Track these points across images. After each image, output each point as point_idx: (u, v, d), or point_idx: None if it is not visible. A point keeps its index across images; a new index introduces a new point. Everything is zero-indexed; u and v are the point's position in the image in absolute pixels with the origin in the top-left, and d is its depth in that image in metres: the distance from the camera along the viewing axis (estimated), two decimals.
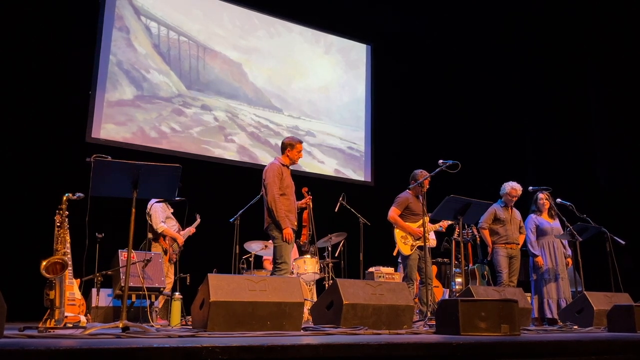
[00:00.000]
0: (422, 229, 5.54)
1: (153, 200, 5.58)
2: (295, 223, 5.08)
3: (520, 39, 9.84)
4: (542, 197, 6.28)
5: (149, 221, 5.64)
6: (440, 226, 5.83)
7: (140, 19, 7.74)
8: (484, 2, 9.38)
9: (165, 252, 5.57)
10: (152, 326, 3.95)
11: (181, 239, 5.74)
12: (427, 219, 5.41)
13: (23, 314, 4.60)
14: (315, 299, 5.65)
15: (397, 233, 5.77)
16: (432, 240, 6.07)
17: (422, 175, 5.64)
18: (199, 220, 5.98)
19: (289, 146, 5.21)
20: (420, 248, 5.65)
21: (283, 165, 5.14)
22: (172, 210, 5.83)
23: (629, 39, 8.55)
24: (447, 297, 7.15)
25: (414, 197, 5.77)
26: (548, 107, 9.74)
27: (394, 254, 6.22)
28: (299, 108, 8.94)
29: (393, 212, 5.76)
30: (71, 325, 3.76)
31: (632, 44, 8.51)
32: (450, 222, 5.82)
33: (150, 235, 5.64)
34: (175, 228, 5.77)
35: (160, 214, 5.63)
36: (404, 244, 5.72)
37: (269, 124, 8.57)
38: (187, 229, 5.84)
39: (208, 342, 2.05)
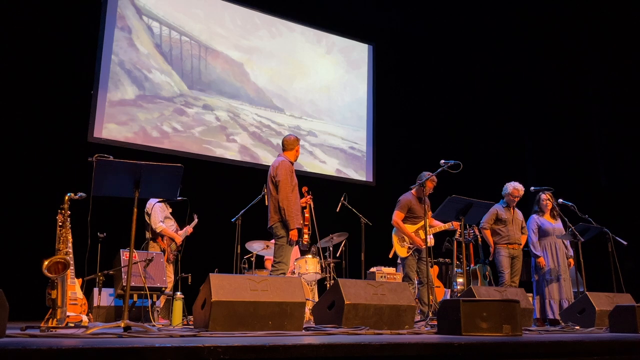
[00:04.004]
0: (420, 238, 5.56)
1: (153, 200, 5.58)
2: (302, 222, 5.07)
3: (521, 39, 9.84)
4: (545, 197, 6.27)
5: (148, 220, 5.64)
6: (452, 224, 5.76)
7: (142, 19, 7.74)
8: (485, 2, 9.37)
9: (163, 252, 5.56)
10: (154, 326, 3.96)
11: (179, 239, 5.74)
12: (428, 221, 5.41)
13: (25, 313, 4.60)
14: (316, 299, 5.65)
15: (395, 235, 5.79)
16: (430, 239, 6.04)
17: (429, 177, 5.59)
18: (196, 220, 5.97)
19: (293, 143, 5.21)
20: (418, 250, 5.65)
21: (291, 162, 5.13)
22: (170, 210, 5.83)
23: (630, 38, 8.54)
24: (448, 297, 7.15)
25: (416, 199, 5.75)
26: (549, 107, 9.73)
27: (390, 256, 6.22)
28: (300, 108, 8.94)
29: (396, 217, 5.74)
30: (73, 325, 3.76)
31: (633, 43, 8.49)
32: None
33: (148, 235, 5.64)
34: (173, 228, 5.78)
35: (159, 214, 5.63)
36: (400, 247, 5.73)
37: (271, 123, 8.58)
38: (185, 229, 5.84)
39: (210, 341, 2.05)
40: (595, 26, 9.01)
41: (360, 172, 9.36)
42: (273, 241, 5.31)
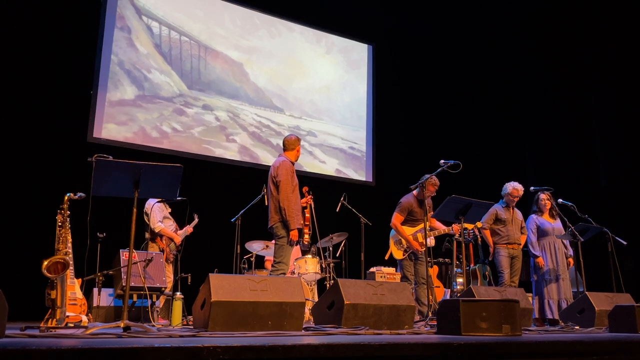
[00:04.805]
0: (417, 242, 5.55)
1: (152, 200, 5.58)
2: (302, 222, 5.07)
3: (521, 39, 9.84)
4: (544, 197, 6.27)
5: (147, 221, 5.64)
6: (452, 229, 5.72)
7: (142, 19, 7.74)
8: (485, 2, 9.37)
9: (162, 252, 5.56)
10: (154, 326, 3.96)
11: (178, 239, 5.73)
12: (430, 222, 5.40)
13: (24, 313, 4.61)
14: (316, 299, 5.65)
15: (392, 236, 5.79)
16: (430, 240, 6.04)
17: (430, 180, 5.56)
18: (196, 220, 5.97)
19: (294, 143, 5.21)
20: (414, 253, 5.64)
21: (292, 163, 5.13)
22: (169, 210, 5.83)
23: (631, 38, 8.54)
24: (448, 297, 7.15)
25: (417, 201, 5.73)
26: (549, 107, 9.73)
27: (386, 257, 6.22)
28: (300, 108, 8.94)
29: (395, 219, 5.73)
30: (72, 325, 3.76)
31: (634, 43, 8.49)
32: (466, 226, 5.72)
33: (147, 235, 5.64)
34: (173, 228, 5.76)
35: (157, 214, 5.62)
36: (397, 249, 5.72)
37: (270, 123, 8.58)
38: (185, 228, 5.83)
39: (209, 342, 2.06)
40: (596, 26, 9.01)
41: (360, 172, 9.37)
42: (273, 241, 5.31)
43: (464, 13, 9.62)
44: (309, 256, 6.15)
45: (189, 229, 5.88)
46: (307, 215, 5.91)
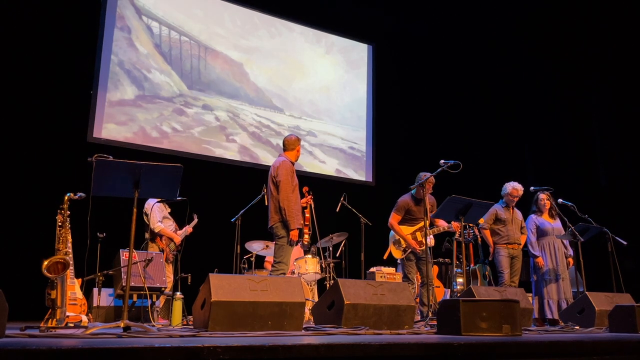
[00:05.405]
0: (415, 241, 5.55)
1: (152, 200, 5.57)
2: (302, 222, 5.08)
3: (521, 39, 9.84)
4: (543, 197, 6.27)
5: (146, 221, 5.64)
6: (450, 226, 5.73)
7: (142, 19, 7.74)
8: (485, 2, 9.38)
9: (162, 252, 5.55)
10: (154, 326, 3.96)
11: (178, 239, 5.72)
12: (433, 220, 5.39)
13: (24, 313, 4.60)
14: (316, 299, 5.65)
15: (391, 236, 5.79)
16: (430, 239, 6.03)
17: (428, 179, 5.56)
18: (195, 220, 5.97)
19: (294, 143, 5.21)
20: (414, 252, 5.64)
21: (292, 163, 5.13)
22: (169, 210, 5.83)
23: (631, 38, 8.54)
24: (448, 297, 7.15)
25: (415, 200, 5.73)
26: (549, 107, 9.73)
27: (385, 257, 6.21)
28: (300, 108, 8.94)
29: (393, 219, 5.73)
30: (72, 325, 3.76)
31: (634, 43, 8.49)
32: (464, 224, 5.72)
33: (147, 235, 5.64)
34: (172, 228, 5.76)
35: (157, 214, 5.62)
36: (396, 249, 5.72)
37: (270, 123, 8.58)
38: (184, 228, 5.83)
39: (209, 342, 2.06)
40: (596, 26, 9.01)
41: (360, 172, 9.37)
42: (273, 241, 5.31)
43: (464, 13, 9.62)
44: (309, 256, 6.15)
45: (188, 229, 5.88)
46: (307, 215, 5.90)
